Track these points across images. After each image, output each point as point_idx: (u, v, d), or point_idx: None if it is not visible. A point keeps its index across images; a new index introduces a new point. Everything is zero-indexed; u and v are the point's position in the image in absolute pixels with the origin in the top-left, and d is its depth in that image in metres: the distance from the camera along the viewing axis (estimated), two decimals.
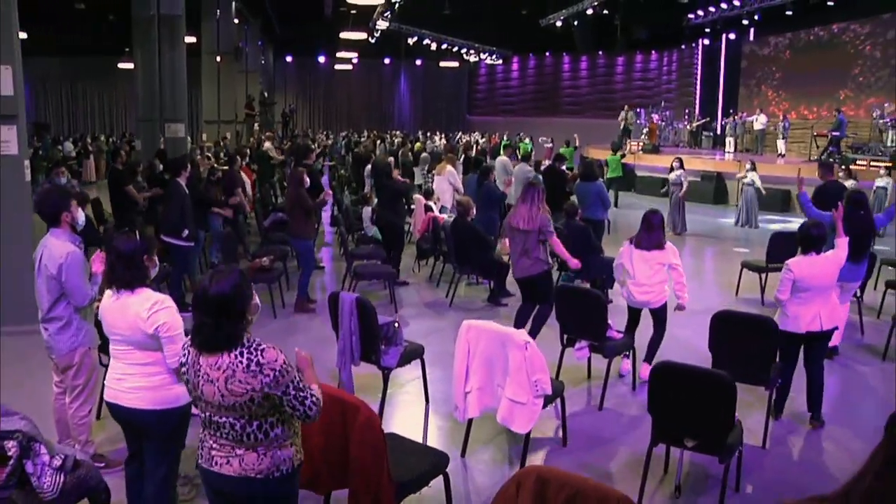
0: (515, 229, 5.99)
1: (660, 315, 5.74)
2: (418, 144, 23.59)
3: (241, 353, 2.51)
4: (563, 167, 10.72)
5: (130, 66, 36.13)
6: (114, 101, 39.81)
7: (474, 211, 7.73)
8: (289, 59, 42.16)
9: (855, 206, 6.15)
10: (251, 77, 29.86)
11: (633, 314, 5.86)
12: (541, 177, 10.50)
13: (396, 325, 4.88)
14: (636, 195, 20.07)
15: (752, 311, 8.01)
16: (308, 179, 7.73)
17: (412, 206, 10.44)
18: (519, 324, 6.30)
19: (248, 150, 17.40)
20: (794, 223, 15.07)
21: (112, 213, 9.88)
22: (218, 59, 21.37)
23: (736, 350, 4.62)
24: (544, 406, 4.06)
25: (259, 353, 2.52)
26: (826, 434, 4.96)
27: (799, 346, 4.93)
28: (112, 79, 38.58)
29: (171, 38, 13.94)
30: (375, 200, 9.25)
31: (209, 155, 16.67)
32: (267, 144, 16.66)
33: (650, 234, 5.61)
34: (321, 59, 39.99)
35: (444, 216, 10.15)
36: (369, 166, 12.09)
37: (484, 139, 32.02)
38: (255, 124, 25.04)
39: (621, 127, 24.19)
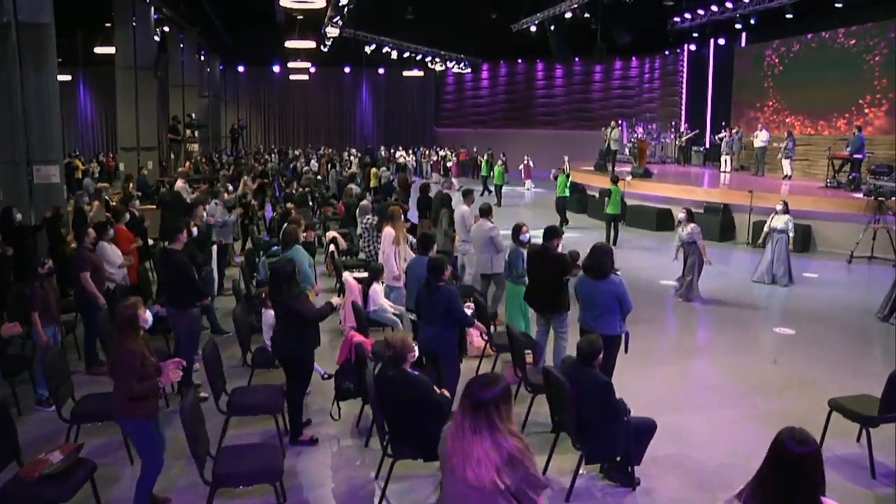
0: (463, 487, 2.87)
1: None
2: (374, 171, 20.44)
3: None
4: (559, 245, 6.90)
5: (67, 77, 33.01)
6: None
7: (415, 353, 4.67)
8: (241, 69, 38.84)
9: None
10: (189, 92, 26.62)
11: None
12: (522, 251, 7.46)
13: None
14: (626, 228, 17.15)
15: (852, 488, 5.25)
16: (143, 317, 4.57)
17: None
18: None
19: (155, 194, 14.28)
20: (817, 275, 12.16)
21: None
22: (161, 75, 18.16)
23: None
24: None
25: None
26: None
27: None
28: None
29: (36, 53, 10.73)
30: None
31: (110, 199, 13.40)
32: (179, 184, 13.44)
33: None
34: (275, 68, 36.73)
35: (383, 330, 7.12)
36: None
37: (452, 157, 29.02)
38: (188, 147, 21.77)
39: (606, 145, 21.19)
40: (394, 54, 31.54)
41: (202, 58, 31.30)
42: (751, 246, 15.04)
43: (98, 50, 21.85)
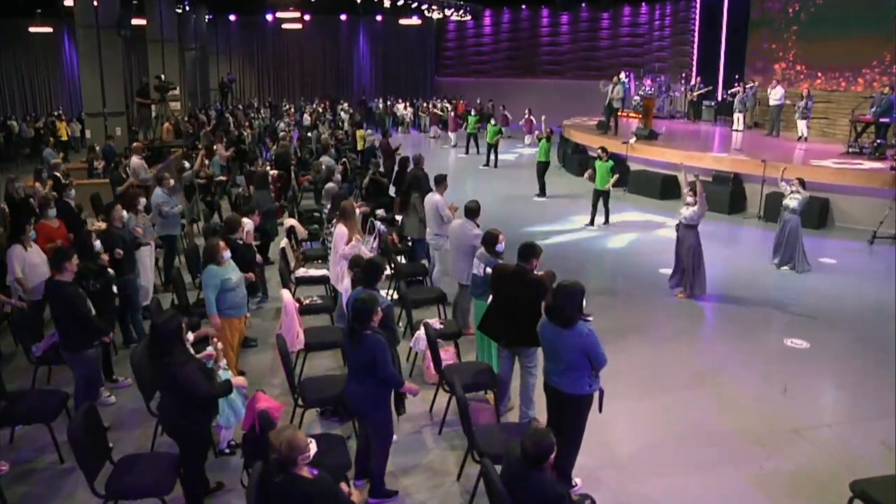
0: None
1: None
2: (360, 132, 19.11)
3: None
4: (538, 265, 5.66)
5: (48, 29, 31.24)
6: (34, 74, 34.91)
7: (309, 454, 3.57)
8: (232, 17, 37.05)
9: None
10: (169, 47, 25.13)
11: None
12: (497, 262, 6.28)
13: None
14: (626, 198, 15.90)
15: None
16: None
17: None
18: None
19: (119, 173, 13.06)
20: (835, 260, 10.88)
21: None
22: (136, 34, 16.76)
23: None
24: None
25: None
26: None
27: None
28: (26, 46, 33.60)
29: None
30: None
31: (61, 176, 12.22)
32: (135, 161, 12.26)
33: None
34: (269, 17, 34.92)
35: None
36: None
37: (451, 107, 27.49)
38: (169, 106, 20.47)
39: (606, 102, 19.68)
40: (387, 2, 29.78)
41: (187, 7, 29.68)
42: (762, 220, 13.82)
43: (67, 3, 20.43)
